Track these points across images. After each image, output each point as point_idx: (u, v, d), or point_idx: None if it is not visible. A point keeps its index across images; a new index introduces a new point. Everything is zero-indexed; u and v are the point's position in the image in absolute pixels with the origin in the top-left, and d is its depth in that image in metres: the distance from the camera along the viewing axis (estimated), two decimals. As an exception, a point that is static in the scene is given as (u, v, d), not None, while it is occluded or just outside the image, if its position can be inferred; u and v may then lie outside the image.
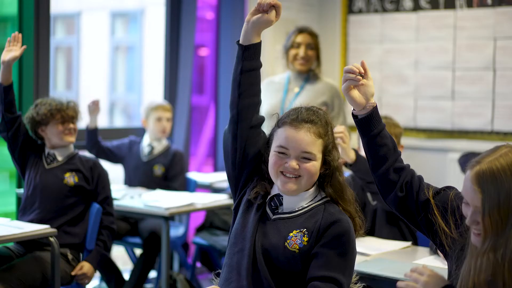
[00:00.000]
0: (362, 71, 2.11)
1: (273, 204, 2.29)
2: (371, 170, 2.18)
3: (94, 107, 4.56)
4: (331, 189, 2.26)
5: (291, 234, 2.20)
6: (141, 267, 4.46)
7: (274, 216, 2.26)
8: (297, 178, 2.22)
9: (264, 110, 4.11)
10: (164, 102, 5.09)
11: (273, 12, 2.26)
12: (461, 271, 1.88)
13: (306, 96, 4.25)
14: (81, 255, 3.67)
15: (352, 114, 2.19)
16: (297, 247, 2.17)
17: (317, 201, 2.27)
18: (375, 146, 2.14)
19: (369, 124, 2.14)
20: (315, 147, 2.22)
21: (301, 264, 2.17)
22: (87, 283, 3.61)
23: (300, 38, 4.37)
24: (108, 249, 3.71)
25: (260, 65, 2.32)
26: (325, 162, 2.26)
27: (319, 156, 2.23)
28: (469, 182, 1.82)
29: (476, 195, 1.80)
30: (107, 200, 3.71)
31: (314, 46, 4.35)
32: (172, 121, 5.10)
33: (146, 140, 4.88)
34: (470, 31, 5.63)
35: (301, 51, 4.31)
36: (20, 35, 3.43)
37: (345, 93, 2.12)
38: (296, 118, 2.25)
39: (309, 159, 2.21)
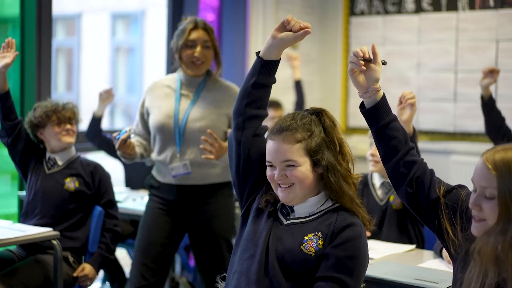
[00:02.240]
0: (367, 56, 2.09)
1: (284, 211, 2.29)
2: (382, 161, 2.17)
3: (107, 96, 4.52)
4: (327, 191, 2.26)
5: (306, 237, 2.19)
6: None
7: (287, 222, 2.26)
8: (291, 186, 2.23)
9: (153, 121, 3.43)
10: None
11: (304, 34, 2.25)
12: (465, 275, 1.86)
13: (204, 106, 3.42)
14: (83, 257, 3.66)
15: (360, 106, 2.16)
16: (313, 250, 2.17)
17: (329, 206, 2.26)
18: (384, 137, 2.12)
19: (376, 115, 2.11)
20: (294, 152, 2.21)
21: (316, 267, 2.17)
22: (89, 285, 3.60)
23: (195, 35, 3.40)
24: (112, 252, 3.70)
25: (273, 82, 2.34)
26: (315, 164, 2.24)
27: (303, 160, 2.22)
28: (481, 162, 1.81)
29: (487, 173, 1.79)
30: (110, 203, 3.70)
31: (211, 44, 3.44)
32: None
33: None
34: (472, 33, 5.63)
35: (197, 51, 3.39)
36: (13, 40, 3.38)
37: (349, 74, 2.12)
38: (272, 129, 2.27)
39: (293, 166, 2.21)
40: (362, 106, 2.15)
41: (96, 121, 4.57)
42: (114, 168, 4.79)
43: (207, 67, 3.48)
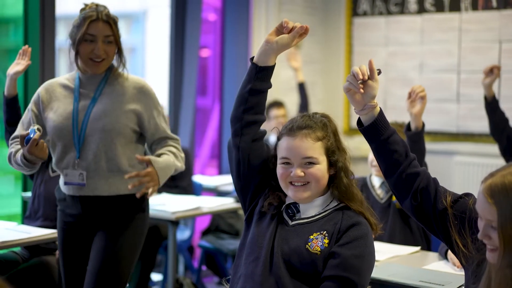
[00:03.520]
0: (366, 78, 2.06)
1: (290, 212, 2.31)
2: (384, 176, 2.16)
3: None
4: (336, 191, 2.28)
5: (311, 236, 2.21)
6: (141, 264, 4.43)
7: (293, 222, 2.28)
8: (306, 184, 2.25)
9: (49, 126, 3.00)
10: None
11: (300, 37, 2.24)
12: (479, 287, 1.84)
13: (107, 102, 3.00)
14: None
15: (357, 122, 2.16)
16: (319, 249, 2.19)
17: (334, 206, 2.29)
18: (385, 152, 2.11)
19: (376, 131, 2.10)
20: (315, 150, 2.24)
21: (323, 266, 2.18)
22: None
23: (94, 29, 2.94)
24: None
25: (269, 87, 2.32)
26: (331, 164, 2.27)
27: (322, 158, 2.25)
28: (482, 194, 1.77)
29: (489, 207, 1.74)
30: None
31: (113, 37, 2.98)
32: (173, 120, 4.99)
33: None
34: (475, 34, 5.63)
35: (98, 47, 2.94)
36: (29, 49, 3.38)
37: (345, 92, 2.11)
38: (291, 127, 2.28)
39: (313, 163, 2.24)
40: (359, 123, 2.14)
41: None
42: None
43: (108, 65, 3.04)
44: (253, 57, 2.29)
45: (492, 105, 4.14)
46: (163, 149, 3.06)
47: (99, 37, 2.94)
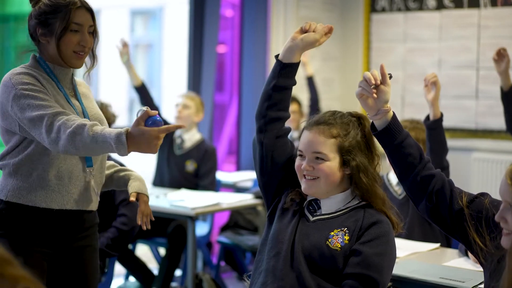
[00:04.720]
0: (378, 82, 2.07)
1: (311, 208, 2.32)
2: (398, 179, 2.17)
3: (122, 47, 4.47)
4: (357, 191, 2.30)
5: (332, 233, 2.23)
6: (167, 262, 4.46)
7: (314, 218, 2.30)
8: (315, 179, 2.27)
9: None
10: (186, 92, 5.07)
11: (325, 36, 2.26)
12: (500, 283, 1.85)
13: (89, 103, 2.60)
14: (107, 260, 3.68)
15: (371, 127, 2.17)
16: (339, 246, 2.21)
17: (356, 203, 2.30)
18: (399, 156, 2.12)
19: (390, 135, 2.11)
20: (326, 147, 2.25)
21: (343, 262, 2.20)
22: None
23: (80, 17, 2.45)
24: (112, 248, 3.60)
25: (294, 84, 2.34)
26: (344, 163, 2.27)
27: (332, 156, 2.26)
28: (504, 177, 1.79)
29: (509, 189, 1.76)
30: (124, 201, 3.68)
31: (94, 28, 2.52)
32: (196, 112, 4.95)
33: (177, 132, 4.89)
34: (494, 30, 5.61)
35: (84, 39, 2.47)
36: None
37: (358, 98, 2.12)
38: (310, 121, 2.32)
39: (322, 159, 2.25)
40: (373, 127, 2.15)
41: (140, 91, 4.59)
42: (136, 166, 4.80)
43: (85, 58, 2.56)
44: (278, 54, 2.31)
45: (508, 96, 4.03)
46: (113, 168, 2.75)
47: (85, 26, 2.48)
